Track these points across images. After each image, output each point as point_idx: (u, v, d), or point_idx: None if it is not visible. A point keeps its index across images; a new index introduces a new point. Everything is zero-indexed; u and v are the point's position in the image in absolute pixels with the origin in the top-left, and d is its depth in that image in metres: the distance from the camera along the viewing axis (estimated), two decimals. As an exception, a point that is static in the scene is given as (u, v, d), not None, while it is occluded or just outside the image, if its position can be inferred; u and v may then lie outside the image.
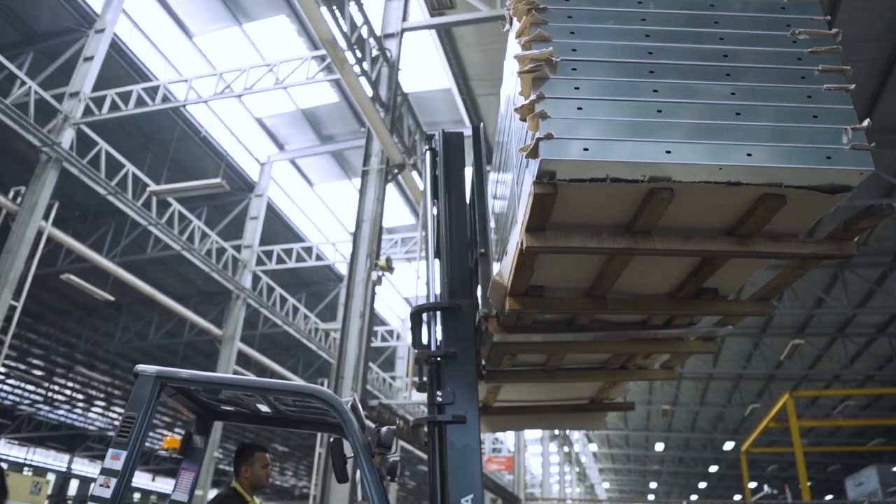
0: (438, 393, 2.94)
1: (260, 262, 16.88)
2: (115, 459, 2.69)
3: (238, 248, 16.36)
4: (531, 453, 32.96)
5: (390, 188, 10.22)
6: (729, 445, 28.79)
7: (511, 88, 2.81)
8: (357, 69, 8.94)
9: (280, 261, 16.99)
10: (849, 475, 36.93)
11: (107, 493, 2.63)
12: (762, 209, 2.14)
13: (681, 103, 2.12)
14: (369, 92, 9.17)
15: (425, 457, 3.29)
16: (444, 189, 3.48)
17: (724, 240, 2.32)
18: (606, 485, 48.75)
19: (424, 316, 3.21)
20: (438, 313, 3.17)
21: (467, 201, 3.60)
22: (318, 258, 17.44)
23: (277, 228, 17.74)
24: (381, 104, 9.46)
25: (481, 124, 3.76)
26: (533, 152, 2.00)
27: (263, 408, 3.30)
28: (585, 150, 1.99)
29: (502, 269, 2.75)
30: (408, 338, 21.82)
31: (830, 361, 20.73)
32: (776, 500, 28.19)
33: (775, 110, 2.12)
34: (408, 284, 19.80)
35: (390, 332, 22.07)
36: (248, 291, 16.19)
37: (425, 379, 3.25)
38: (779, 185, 2.06)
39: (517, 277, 2.56)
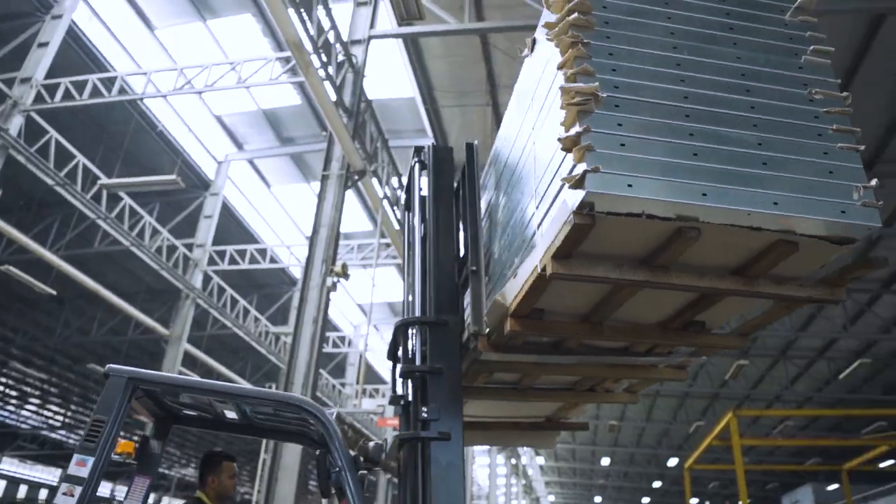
0: (424, 409, 2.88)
1: (212, 261, 16.55)
2: (81, 466, 2.54)
3: (190, 247, 16.01)
4: (478, 465, 33.02)
5: (349, 194, 10.14)
6: (673, 461, 29.34)
7: (524, 113, 2.85)
8: (322, 73, 8.87)
9: (233, 261, 16.69)
10: (786, 493, 38.00)
11: (70, 503, 2.48)
12: (775, 254, 2.25)
13: (713, 148, 2.21)
14: (333, 96, 9.11)
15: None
16: (433, 203, 3.45)
17: (732, 279, 2.42)
18: (552, 497, 49.13)
19: (410, 330, 3.19)
20: (426, 328, 3.13)
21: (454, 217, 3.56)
22: (273, 261, 17.19)
23: (232, 228, 17.43)
24: (344, 109, 9.40)
25: (475, 142, 3.70)
26: (578, 183, 2.04)
27: (230, 414, 3.20)
28: (629, 185, 2.06)
29: (506, 290, 2.75)
30: (360, 345, 21.67)
31: (772, 382, 21.36)
32: (715, 516, 28.81)
33: (797, 163, 2.24)
34: (362, 291, 19.66)
35: (342, 339, 21.89)
36: (197, 291, 15.84)
37: (399, 392, 3.24)
38: (794, 233, 2.17)
39: (525, 300, 2.58)
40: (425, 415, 2.87)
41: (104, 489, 29.53)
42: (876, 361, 18.87)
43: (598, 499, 43.93)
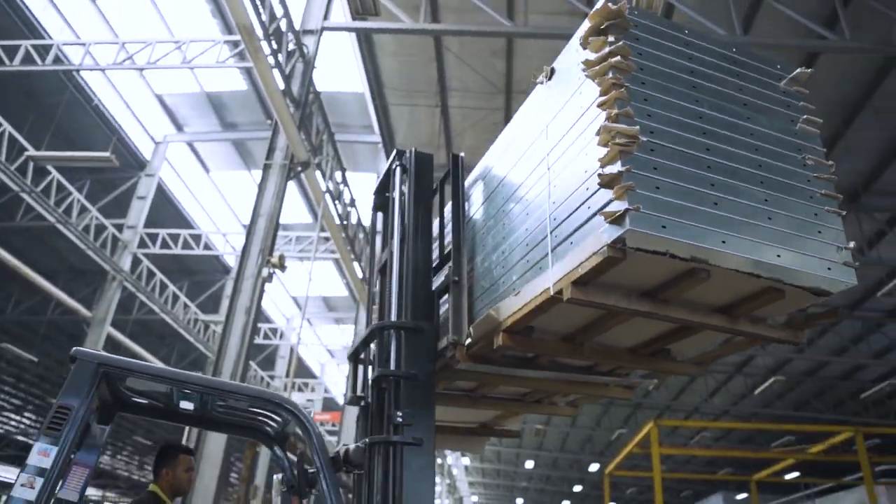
0: (399, 413, 2.89)
1: (143, 244, 16.01)
2: (44, 456, 2.36)
3: (120, 228, 15.45)
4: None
5: (290, 185, 10.00)
6: (594, 467, 30.06)
7: (534, 137, 2.96)
8: (271, 60, 8.72)
9: (165, 245, 16.19)
10: (698, 501, 39.43)
11: (31, 495, 2.29)
12: (762, 298, 2.48)
13: (730, 200, 2.40)
14: (281, 85, 8.97)
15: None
16: (413, 208, 3.48)
17: (717, 316, 2.65)
18: (475, 498, 49.57)
19: (385, 334, 3.22)
20: (401, 332, 3.15)
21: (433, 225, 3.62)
22: (207, 247, 16.77)
23: (166, 212, 16.90)
24: (291, 99, 9.26)
25: (461, 154, 3.69)
26: (618, 220, 2.17)
27: (185, 405, 3.08)
28: (664, 227, 2.22)
29: (502, 306, 2.85)
30: (292, 338, 21.38)
31: (692, 394, 22.19)
32: (631, 521, 29.68)
33: (793, 220, 2.48)
34: (298, 284, 19.41)
35: (274, 331, 21.53)
36: (125, 273, 15.30)
37: (360, 393, 3.32)
38: (784, 283, 2.39)
39: (525, 318, 2.71)
40: (400, 419, 2.88)
41: (7, 474, 28.12)
42: (789, 380, 19.84)
43: (520, 500, 44.57)
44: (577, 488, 36.30)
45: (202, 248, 16.51)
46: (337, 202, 12.42)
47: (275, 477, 3.35)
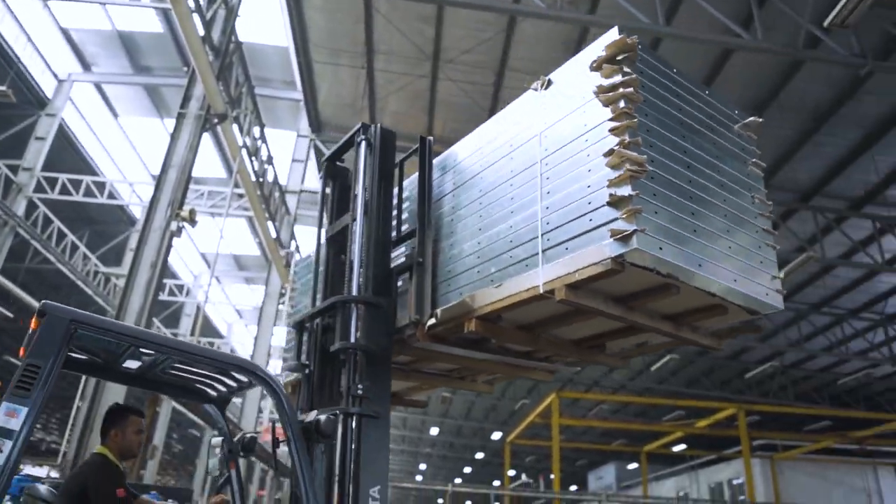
0: (359, 386, 3.01)
1: (40, 188, 15.03)
2: (12, 416, 2.21)
3: (15, 170, 14.42)
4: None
5: (205, 137, 9.62)
6: (497, 435, 30.99)
7: (524, 141, 3.13)
8: (192, 3, 8.30)
9: (65, 191, 15.26)
10: (592, 470, 41.41)
11: None
12: (710, 312, 2.91)
13: (702, 228, 2.74)
14: (201, 31, 8.56)
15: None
16: (377, 187, 3.53)
17: (667, 323, 3.05)
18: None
19: (346, 307, 3.29)
20: (360, 306, 3.26)
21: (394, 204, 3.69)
22: (111, 196, 15.93)
23: (67, 156, 15.89)
24: (211, 47, 8.87)
25: (430, 138, 3.77)
26: (625, 238, 2.43)
27: (129, 363, 3.03)
28: (661, 248, 2.51)
29: (479, 294, 3.04)
30: (199, 295, 20.74)
31: (594, 369, 23.14)
32: (530, 488, 30.86)
33: (744, 251, 2.87)
34: (208, 240, 18.79)
35: (180, 287, 20.81)
36: (19, 219, 14.33)
37: (304, 360, 3.43)
38: (730, 302, 2.79)
39: (503, 309, 2.93)
40: (360, 391, 3.00)
41: None
42: (683, 358, 20.98)
43: (422, 466, 45.46)
44: (479, 455, 37.35)
45: (106, 196, 15.67)
46: (253, 158, 12.05)
47: (212, 439, 3.43)
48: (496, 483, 29.07)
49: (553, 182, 2.87)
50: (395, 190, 3.76)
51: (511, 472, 30.87)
